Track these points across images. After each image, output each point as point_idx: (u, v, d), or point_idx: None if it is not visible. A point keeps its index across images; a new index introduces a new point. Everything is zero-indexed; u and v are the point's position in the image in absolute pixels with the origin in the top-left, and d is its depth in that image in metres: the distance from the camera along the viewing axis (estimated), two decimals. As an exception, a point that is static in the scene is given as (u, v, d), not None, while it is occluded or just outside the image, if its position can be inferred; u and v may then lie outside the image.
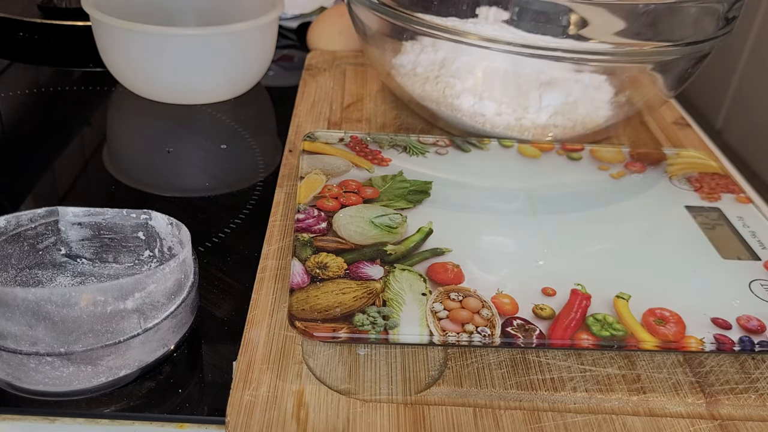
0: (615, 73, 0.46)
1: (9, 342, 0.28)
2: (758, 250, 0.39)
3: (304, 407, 0.29)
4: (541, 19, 0.42)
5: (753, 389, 0.32)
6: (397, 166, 0.43)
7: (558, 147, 0.46)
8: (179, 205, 0.44)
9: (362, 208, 0.38)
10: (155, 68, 0.54)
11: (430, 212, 0.39)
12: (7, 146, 0.51)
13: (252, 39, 0.55)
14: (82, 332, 0.28)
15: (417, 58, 0.49)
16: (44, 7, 0.66)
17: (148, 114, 0.55)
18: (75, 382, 0.29)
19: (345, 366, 0.32)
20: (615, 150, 0.47)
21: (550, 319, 0.32)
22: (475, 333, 0.31)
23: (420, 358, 0.32)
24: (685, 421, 0.30)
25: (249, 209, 0.44)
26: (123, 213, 0.35)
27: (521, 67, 0.45)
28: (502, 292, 0.33)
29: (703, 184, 0.44)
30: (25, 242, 0.34)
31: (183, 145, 0.51)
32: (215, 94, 0.56)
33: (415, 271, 0.34)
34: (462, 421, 0.29)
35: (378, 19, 0.47)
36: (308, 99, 0.54)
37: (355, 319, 0.31)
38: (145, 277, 0.29)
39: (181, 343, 0.32)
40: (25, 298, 0.27)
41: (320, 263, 0.34)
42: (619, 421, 0.30)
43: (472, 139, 0.46)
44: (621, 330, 0.32)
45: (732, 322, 0.33)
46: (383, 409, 0.30)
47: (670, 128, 0.55)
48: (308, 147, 0.44)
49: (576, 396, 0.31)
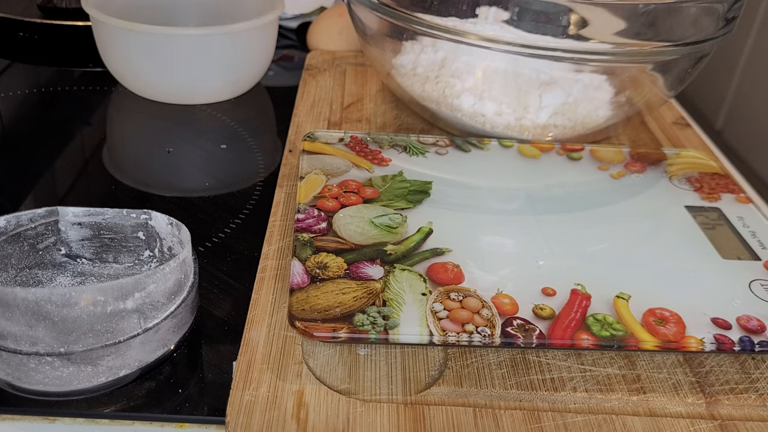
0: (615, 73, 0.46)
1: (9, 342, 0.28)
2: (758, 250, 0.39)
3: (304, 407, 0.29)
4: (541, 19, 0.42)
5: (753, 389, 0.32)
6: (397, 166, 0.43)
7: (558, 147, 0.46)
8: (179, 205, 0.44)
9: (362, 208, 0.38)
10: (155, 68, 0.54)
11: (430, 212, 0.39)
12: (7, 146, 0.51)
13: (252, 39, 0.55)
14: (82, 332, 0.28)
15: (417, 58, 0.49)
16: (44, 7, 0.66)
17: (148, 114, 0.55)
18: (75, 382, 0.29)
19: (345, 366, 0.32)
20: (615, 150, 0.47)
21: (550, 319, 0.32)
22: (475, 333, 0.31)
23: (420, 358, 0.32)
24: (685, 421, 0.30)
25: (249, 209, 0.44)
26: (123, 213, 0.35)
27: (521, 67, 0.45)
28: (502, 292, 0.33)
29: (703, 184, 0.44)
30: (25, 242, 0.34)
31: (183, 145, 0.51)
32: (215, 94, 0.56)
33: (415, 271, 0.34)
34: (462, 421, 0.29)
35: (378, 19, 0.47)
36: (308, 99, 0.54)
37: (355, 319, 0.31)
38: (145, 277, 0.29)
39: (181, 343, 0.32)
40: (25, 298, 0.27)
41: (320, 263, 0.34)
42: (619, 421, 0.30)
43: (472, 139, 0.46)
44: (621, 330, 0.32)
45: (732, 322, 0.33)
46: (383, 409, 0.30)
47: (670, 128, 0.55)
48: (308, 147, 0.44)
49: (576, 396, 0.31)
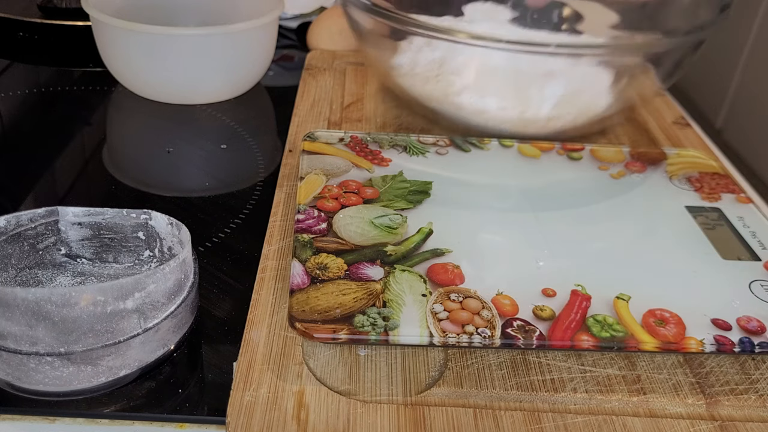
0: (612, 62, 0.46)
1: (9, 342, 0.28)
2: (758, 251, 0.39)
3: (304, 408, 0.29)
4: (535, 14, 0.42)
5: (753, 390, 0.32)
6: (397, 166, 0.43)
7: (558, 147, 0.46)
8: (179, 205, 0.44)
9: (362, 208, 0.38)
10: (155, 68, 0.54)
11: (431, 212, 0.39)
12: (7, 146, 0.51)
13: (252, 39, 0.55)
14: (82, 332, 0.28)
15: (415, 56, 0.49)
16: (44, 7, 0.66)
17: (148, 114, 0.55)
18: (75, 382, 0.29)
19: (345, 367, 0.32)
20: (615, 150, 0.47)
21: (550, 320, 0.32)
22: (475, 334, 0.31)
23: (420, 359, 0.32)
24: (685, 422, 0.30)
25: (249, 209, 0.44)
26: (123, 213, 0.35)
27: (520, 62, 0.45)
28: (502, 293, 0.33)
29: (703, 184, 0.44)
30: (25, 242, 0.34)
31: (183, 145, 0.51)
32: (215, 94, 0.56)
33: (416, 271, 0.34)
34: (462, 422, 0.29)
35: (372, 20, 0.47)
36: (308, 99, 0.54)
37: (355, 320, 0.31)
38: (145, 277, 0.29)
39: (181, 343, 0.32)
40: (25, 298, 0.27)
41: (320, 264, 0.34)
42: (619, 422, 0.30)
43: (473, 139, 0.46)
44: (621, 331, 0.32)
45: (732, 322, 0.33)
46: (383, 410, 0.29)
47: (670, 128, 0.55)
48: (308, 147, 0.44)
49: (576, 397, 0.31)
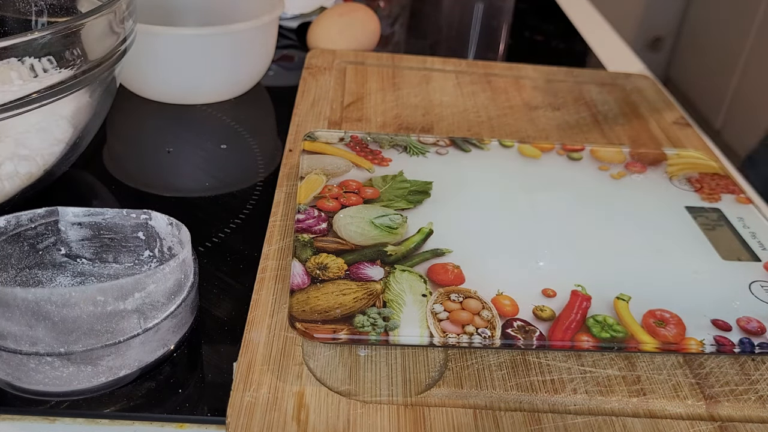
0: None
1: (9, 342, 0.28)
2: (758, 251, 0.39)
3: (304, 408, 0.29)
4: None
5: (753, 391, 0.32)
6: (398, 166, 0.43)
7: (558, 147, 0.46)
8: (179, 205, 0.44)
9: (362, 208, 0.38)
10: (155, 68, 0.54)
11: (431, 213, 0.39)
12: (7, 146, 0.51)
13: (252, 39, 0.55)
14: (82, 332, 0.28)
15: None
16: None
17: (148, 114, 0.55)
18: (75, 382, 0.29)
19: (345, 367, 0.32)
20: (615, 150, 0.47)
21: (551, 321, 0.32)
22: (475, 334, 0.31)
23: (420, 360, 0.32)
24: (685, 423, 0.30)
25: (249, 209, 0.44)
26: (123, 213, 0.35)
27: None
28: (502, 293, 0.33)
29: (703, 184, 0.44)
30: (25, 242, 0.34)
31: (183, 145, 0.51)
32: (215, 94, 0.56)
33: (416, 272, 0.34)
34: (462, 422, 0.29)
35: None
36: (308, 98, 0.54)
37: (355, 320, 0.31)
38: (145, 277, 0.29)
39: (181, 343, 0.32)
40: (25, 298, 0.27)
41: (320, 264, 0.34)
42: (619, 423, 0.30)
43: (473, 139, 0.46)
44: (621, 331, 0.32)
45: (732, 323, 0.33)
46: (383, 410, 0.30)
47: (670, 128, 0.55)
48: (308, 147, 0.44)
49: (576, 397, 0.31)
